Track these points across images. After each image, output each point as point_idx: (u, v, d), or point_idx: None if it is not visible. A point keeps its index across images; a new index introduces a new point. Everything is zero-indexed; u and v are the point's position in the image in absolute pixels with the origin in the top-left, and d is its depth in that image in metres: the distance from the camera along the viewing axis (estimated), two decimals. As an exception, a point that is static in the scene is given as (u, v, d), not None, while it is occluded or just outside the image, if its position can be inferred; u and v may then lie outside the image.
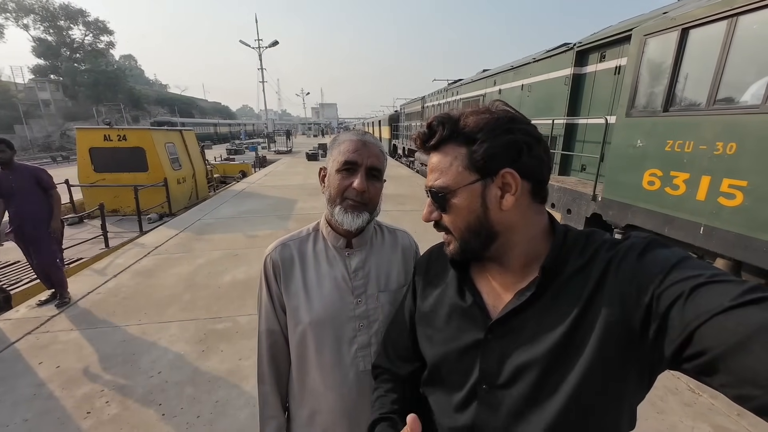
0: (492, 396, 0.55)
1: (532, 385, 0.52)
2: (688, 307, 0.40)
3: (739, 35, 2.47)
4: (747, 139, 2.40)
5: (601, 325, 0.48)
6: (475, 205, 0.54)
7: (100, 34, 45.70)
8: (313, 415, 0.88)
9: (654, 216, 3.10)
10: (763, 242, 2.34)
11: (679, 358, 0.41)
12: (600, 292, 0.49)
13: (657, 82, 3.09)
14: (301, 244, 0.90)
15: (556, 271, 0.53)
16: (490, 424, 0.55)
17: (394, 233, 0.97)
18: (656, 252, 0.47)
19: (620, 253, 0.49)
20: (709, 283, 0.40)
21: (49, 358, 2.54)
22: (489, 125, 0.53)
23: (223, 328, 2.93)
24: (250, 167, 14.70)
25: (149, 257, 4.56)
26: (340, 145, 0.82)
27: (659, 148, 3.01)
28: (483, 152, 0.52)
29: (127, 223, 6.79)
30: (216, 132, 45.50)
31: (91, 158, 7.23)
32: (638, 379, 0.48)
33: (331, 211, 0.83)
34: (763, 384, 0.34)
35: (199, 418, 2.03)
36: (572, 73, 4.78)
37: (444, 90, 10.99)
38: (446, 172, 0.56)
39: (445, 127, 0.55)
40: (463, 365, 0.59)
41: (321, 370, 0.85)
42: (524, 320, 0.54)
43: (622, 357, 0.47)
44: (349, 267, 0.87)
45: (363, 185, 0.79)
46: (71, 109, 40.29)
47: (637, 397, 0.51)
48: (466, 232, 0.57)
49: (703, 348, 0.38)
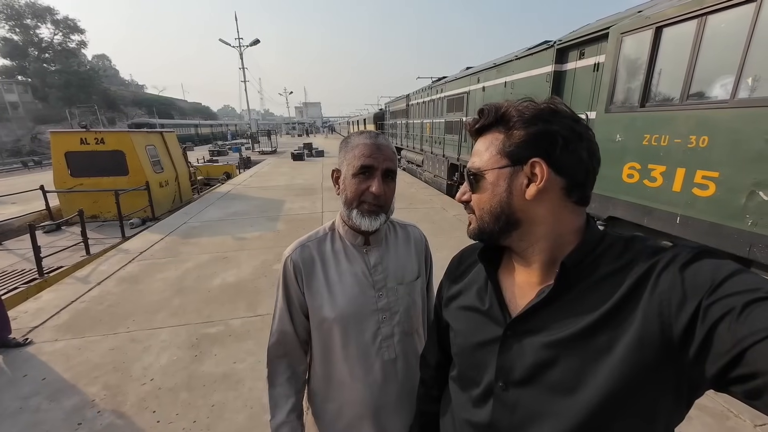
0: (508, 394, 0.55)
1: (549, 386, 0.50)
2: (741, 323, 0.36)
3: (709, 34, 2.60)
4: (718, 133, 2.53)
5: (632, 331, 0.45)
6: (500, 189, 0.55)
7: (70, 33, 43.69)
8: (341, 408, 0.91)
9: (634, 207, 3.23)
10: (734, 230, 2.48)
11: (724, 378, 0.38)
12: (635, 297, 0.46)
13: (634, 78, 3.22)
14: (319, 244, 0.92)
15: (581, 271, 0.51)
16: (505, 424, 0.55)
17: (405, 228, 1.02)
18: (705, 262, 0.44)
19: (663, 261, 0.46)
20: (767, 299, 0.37)
21: (34, 370, 2.46)
22: (528, 114, 0.53)
23: (215, 332, 2.90)
24: (234, 168, 14.44)
25: (134, 263, 4.45)
26: (355, 148, 0.84)
27: (637, 143, 3.14)
28: (516, 139, 0.53)
29: (109, 229, 6.58)
30: (197, 133, 44.46)
31: (68, 163, 6.98)
32: (674, 397, 0.45)
33: (348, 213, 0.85)
34: None
35: (196, 422, 2.01)
36: (553, 70, 4.90)
37: (428, 88, 11.05)
38: (483, 154, 0.57)
39: (490, 113, 0.57)
40: (481, 361, 0.59)
41: (348, 363, 0.88)
42: (545, 319, 0.52)
43: (655, 370, 0.43)
44: (369, 263, 0.90)
45: (381, 189, 0.81)
46: (42, 111, 38.50)
47: (674, 418, 0.48)
48: (486, 213, 0.57)
49: (758, 369, 0.35)
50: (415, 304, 0.95)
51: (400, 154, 14.94)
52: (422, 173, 11.33)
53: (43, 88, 39.19)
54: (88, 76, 42.27)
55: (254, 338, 2.79)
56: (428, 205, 7.17)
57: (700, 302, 0.40)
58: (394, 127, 16.21)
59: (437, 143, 9.69)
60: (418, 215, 6.31)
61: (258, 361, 2.49)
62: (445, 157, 8.95)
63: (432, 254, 1.06)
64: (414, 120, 12.70)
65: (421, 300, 0.98)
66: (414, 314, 0.95)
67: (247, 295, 3.52)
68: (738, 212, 2.44)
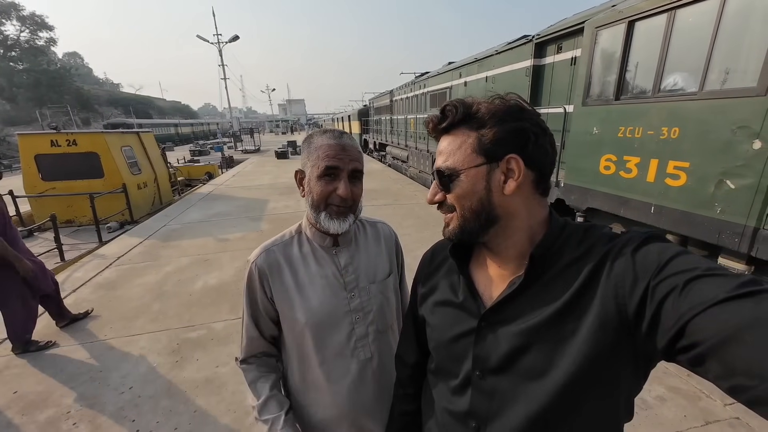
0: (485, 382, 0.57)
1: (523, 371, 0.53)
2: (683, 299, 0.40)
3: (678, 27, 2.67)
4: (688, 124, 2.61)
5: (592, 314, 0.48)
6: (479, 187, 0.55)
7: (38, 30, 41.69)
8: (319, 411, 0.90)
9: (611, 198, 3.31)
10: (704, 218, 2.57)
11: (672, 350, 0.41)
12: (594, 282, 0.49)
13: (609, 71, 3.28)
14: (285, 247, 0.90)
15: (548, 260, 0.54)
16: (484, 410, 0.58)
17: (375, 226, 1.00)
18: (652, 246, 0.48)
19: (617, 246, 0.50)
20: (705, 276, 0.40)
21: (4, 384, 2.36)
22: (500, 111, 0.54)
23: (197, 336, 2.84)
24: (216, 168, 14.14)
25: (111, 268, 4.31)
26: (318, 149, 0.81)
27: (613, 135, 3.21)
28: (491, 137, 0.54)
29: (84, 234, 6.36)
30: (177, 133, 43.28)
31: (38, 166, 6.70)
32: (633, 370, 0.49)
33: (315, 216, 0.83)
34: (756, 375, 0.33)
35: (177, 429, 1.96)
36: (532, 64, 4.96)
37: (411, 83, 11.05)
38: (455, 153, 0.56)
39: (458, 111, 0.56)
40: (458, 352, 0.61)
41: (323, 366, 0.87)
42: (516, 308, 0.55)
43: (614, 347, 0.47)
44: (339, 264, 0.89)
45: (347, 192, 0.79)
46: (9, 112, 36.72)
47: (633, 388, 0.52)
48: (468, 212, 0.57)
49: (697, 340, 0.38)
50: (388, 302, 0.94)
51: (385, 150, 14.92)
52: (407, 169, 11.35)
53: (11, 88, 37.30)
54: (58, 74, 40.42)
55: (238, 341, 2.73)
56: (413, 200, 7.19)
57: (648, 283, 0.44)
58: (379, 123, 16.16)
59: (422, 139, 9.71)
60: (403, 211, 6.32)
61: (241, 364, 2.45)
62: (429, 152, 8.98)
63: (417, 249, 1.05)
64: (398, 116, 12.68)
65: (394, 296, 0.97)
66: (388, 312, 0.94)
67: (230, 297, 3.46)
68: (707, 201, 2.53)
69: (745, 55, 2.31)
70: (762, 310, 0.35)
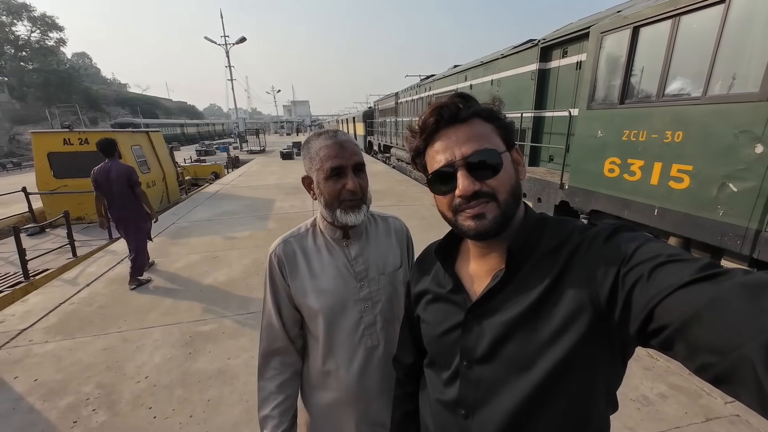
0: (471, 372, 0.60)
1: (506, 360, 0.56)
2: (650, 285, 0.42)
3: (682, 33, 2.73)
4: (691, 128, 2.66)
5: (567, 303, 0.51)
6: (512, 171, 0.59)
7: (48, 31, 42.29)
8: (327, 395, 0.96)
9: (614, 201, 3.36)
10: (707, 220, 2.61)
11: (643, 335, 0.43)
12: (568, 272, 0.52)
13: (613, 76, 3.34)
14: (301, 239, 0.96)
15: (525, 253, 0.57)
16: (471, 398, 0.61)
17: (386, 220, 1.06)
18: (621, 236, 0.50)
19: (589, 238, 0.53)
20: (669, 263, 0.42)
21: (25, 372, 2.45)
22: (496, 108, 0.61)
23: (208, 329, 2.92)
24: (222, 168, 14.28)
25: (123, 264, 4.40)
26: (319, 152, 0.86)
27: (617, 138, 3.26)
28: (506, 129, 0.60)
29: (95, 231, 6.47)
30: (183, 133, 43.68)
31: (51, 164, 6.82)
32: (609, 357, 0.52)
33: (331, 214, 0.88)
34: (716, 352, 0.35)
35: (192, 417, 2.04)
36: (537, 68, 5.02)
37: (417, 86, 11.12)
38: (489, 138, 0.57)
39: (472, 102, 0.59)
40: (448, 345, 0.65)
41: (333, 352, 0.93)
42: (499, 301, 0.58)
43: (590, 334, 0.49)
44: (349, 255, 0.95)
45: (355, 185, 0.86)
46: (19, 111, 37.25)
47: (612, 377, 0.55)
48: (510, 195, 0.58)
49: (664, 323, 0.40)
50: (397, 293, 0.99)
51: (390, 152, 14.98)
52: (412, 171, 11.40)
53: (21, 88, 37.88)
54: (67, 74, 41.01)
55: (248, 335, 2.82)
56: (418, 202, 7.25)
57: (618, 271, 0.47)
58: (384, 125, 16.23)
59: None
60: (407, 212, 6.39)
61: (252, 357, 2.53)
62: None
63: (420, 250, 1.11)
64: (403, 118, 12.74)
65: (403, 288, 1.01)
66: (396, 302, 0.99)
67: (239, 293, 3.54)
68: (710, 203, 2.58)
69: (747, 61, 2.36)
70: (719, 290, 0.37)
